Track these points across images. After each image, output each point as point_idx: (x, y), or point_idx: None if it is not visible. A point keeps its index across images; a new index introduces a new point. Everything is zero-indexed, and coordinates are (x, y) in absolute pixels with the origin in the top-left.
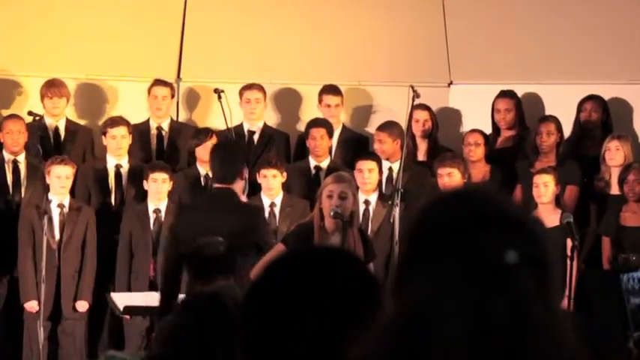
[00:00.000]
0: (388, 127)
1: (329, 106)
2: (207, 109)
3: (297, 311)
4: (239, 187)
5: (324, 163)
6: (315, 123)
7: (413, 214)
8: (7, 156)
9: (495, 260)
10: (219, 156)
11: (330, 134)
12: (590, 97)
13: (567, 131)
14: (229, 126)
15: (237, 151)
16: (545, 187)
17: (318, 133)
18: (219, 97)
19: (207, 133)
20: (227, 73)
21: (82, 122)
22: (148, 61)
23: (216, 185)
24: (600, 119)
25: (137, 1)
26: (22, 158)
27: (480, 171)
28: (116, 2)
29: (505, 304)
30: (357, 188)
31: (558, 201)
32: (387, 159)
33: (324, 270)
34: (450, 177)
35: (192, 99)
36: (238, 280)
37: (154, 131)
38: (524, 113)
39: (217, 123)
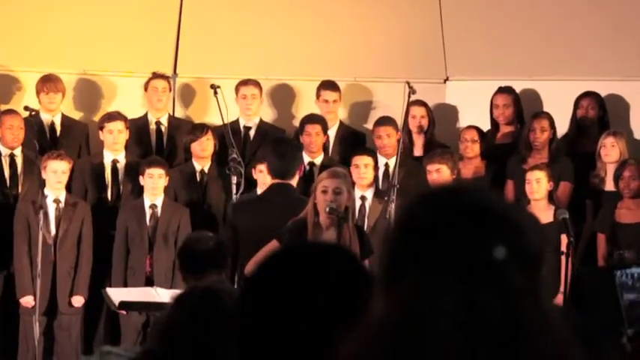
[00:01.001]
0: (391, 121)
1: (327, 101)
2: (203, 105)
3: (292, 307)
4: (295, 181)
5: (318, 159)
6: (310, 119)
7: (401, 211)
8: (4, 150)
9: (484, 255)
10: (281, 152)
11: (325, 130)
12: (587, 94)
13: (563, 127)
14: (225, 122)
15: (297, 147)
16: (537, 183)
17: (314, 129)
18: (215, 93)
19: (202, 129)
20: (223, 69)
21: (78, 117)
22: (145, 57)
23: (275, 180)
24: (597, 116)
25: None
26: (18, 152)
27: (476, 167)
28: None
29: (496, 300)
30: (353, 184)
31: (552, 197)
32: (388, 154)
33: (319, 266)
34: (438, 173)
35: (189, 94)
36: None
37: (152, 126)
38: (522, 109)
39: (213, 119)
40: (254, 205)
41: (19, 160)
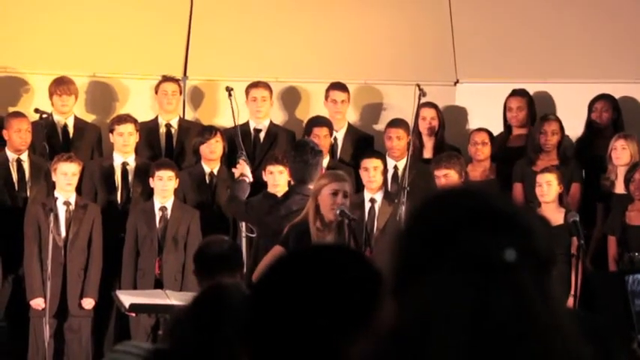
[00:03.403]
0: (402, 124)
1: (335, 101)
2: (213, 107)
3: (301, 310)
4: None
5: (324, 162)
6: (318, 122)
7: (409, 214)
8: (11, 155)
9: (494, 258)
10: (304, 158)
11: (331, 133)
12: (601, 97)
13: (574, 130)
14: (237, 123)
15: (319, 152)
16: (548, 186)
17: (321, 132)
18: (230, 95)
19: (211, 131)
20: (233, 72)
21: (89, 120)
22: (155, 59)
23: (294, 184)
24: (611, 118)
25: None
26: (25, 157)
27: (486, 170)
28: (123, 0)
29: (507, 302)
30: (362, 187)
31: (562, 200)
32: (396, 157)
33: (328, 268)
34: (446, 178)
35: (199, 97)
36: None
37: (162, 129)
38: (536, 112)
39: (223, 121)
40: (277, 204)
41: (25, 165)
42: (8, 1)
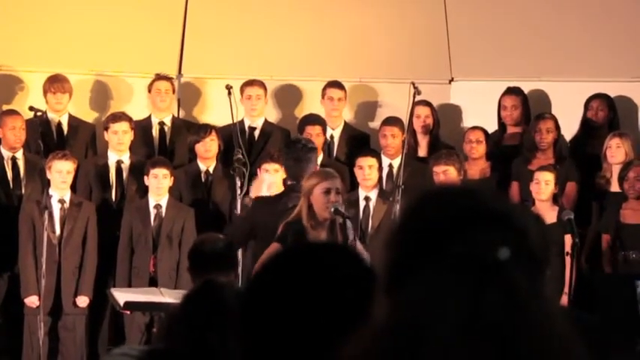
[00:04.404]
0: (397, 122)
1: (332, 99)
2: (207, 105)
3: (294, 309)
4: None
5: (318, 160)
6: (310, 120)
7: (403, 212)
8: (6, 153)
9: (486, 257)
10: (296, 155)
11: (324, 131)
12: (597, 96)
13: (569, 129)
14: (234, 121)
15: (312, 149)
16: (546, 184)
17: (314, 130)
18: (229, 94)
19: (206, 129)
20: (228, 70)
21: (83, 118)
22: (150, 57)
23: (290, 182)
24: (607, 117)
25: None
26: (20, 155)
27: (481, 168)
28: None
29: (498, 301)
30: (358, 185)
31: (556, 198)
32: (391, 155)
33: (324, 265)
34: (445, 174)
35: (193, 95)
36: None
37: (156, 127)
38: (530, 110)
39: (218, 119)
40: (271, 204)
41: (20, 163)
42: (2, 0)
